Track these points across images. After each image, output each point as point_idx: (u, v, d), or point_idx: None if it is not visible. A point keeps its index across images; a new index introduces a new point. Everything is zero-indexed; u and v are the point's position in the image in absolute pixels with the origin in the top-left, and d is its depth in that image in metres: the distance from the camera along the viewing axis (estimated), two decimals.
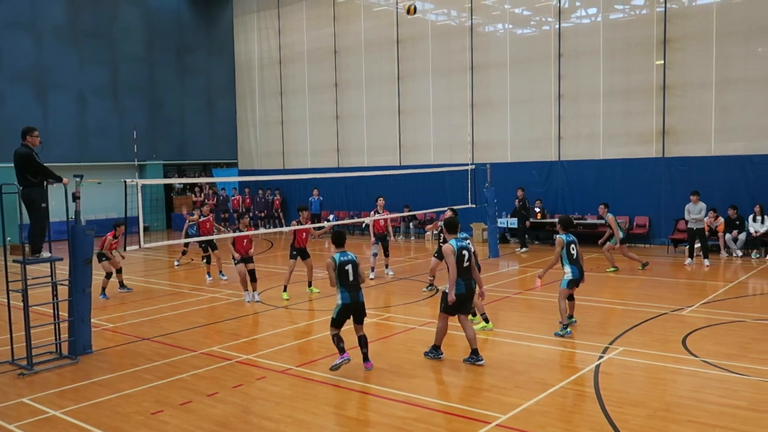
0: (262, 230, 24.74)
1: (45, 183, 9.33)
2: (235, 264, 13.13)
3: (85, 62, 27.75)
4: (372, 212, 15.95)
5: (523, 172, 21.88)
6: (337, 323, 8.48)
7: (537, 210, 20.77)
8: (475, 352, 8.67)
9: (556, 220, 19.81)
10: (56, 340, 9.65)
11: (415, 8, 14.92)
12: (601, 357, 8.85)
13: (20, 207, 9.16)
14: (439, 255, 12.02)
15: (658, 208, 19.66)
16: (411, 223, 24.17)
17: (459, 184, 19.20)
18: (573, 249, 10.05)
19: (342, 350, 8.42)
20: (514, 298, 13.03)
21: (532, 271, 16.26)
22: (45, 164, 9.28)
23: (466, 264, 8.58)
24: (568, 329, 10.02)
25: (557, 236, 10.23)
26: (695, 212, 16.35)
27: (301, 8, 28.33)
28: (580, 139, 21.14)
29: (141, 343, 10.38)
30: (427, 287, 13.82)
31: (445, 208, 14.63)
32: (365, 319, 8.71)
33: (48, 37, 26.65)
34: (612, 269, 15.75)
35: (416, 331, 10.58)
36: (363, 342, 8.63)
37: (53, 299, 9.66)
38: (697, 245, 16.63)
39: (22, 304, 9.06)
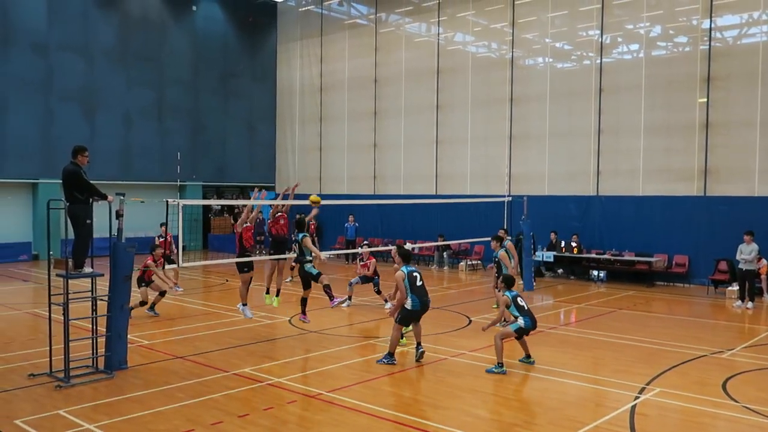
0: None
1: (91, 200, 9.58)
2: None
3: (132, 84, 28.58)
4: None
5: (560, 206, 21.72)
6: None
7: (573, 245, 20.56)
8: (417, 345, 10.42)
9: (593, 255, 19.52)
10: (93, 354, 9.81)
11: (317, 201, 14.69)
12: (637, 397, 8.66)
13: (66, 222, 9.41)
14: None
15: (697, 247, 19.26)
16: (445, 253, 24.09)
17: (494, 216, 19.12)
18: (521, 301, 10.27)
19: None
20: (548, 332, 12.85)
21: (567, 306, 16.04)
22: (91, 182, 9.55)
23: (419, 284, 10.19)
24: (504, 368, 9.76)
25: (504, 295, 10.40)
26: (746, 253, 15.86)
27: (343, 37, 28.82)
28: (619, 174, 20.93)
29: (175, 361, 10.49)
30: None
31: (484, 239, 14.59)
32: None
33: (98, 59, 27.53)
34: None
35: (447, 362, 10.49)
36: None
37: (92, 314, 9.83)
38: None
39: (62, 317, 9.26)
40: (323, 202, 14.09)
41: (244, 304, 12.89)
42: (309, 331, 12.69)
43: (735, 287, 16.79)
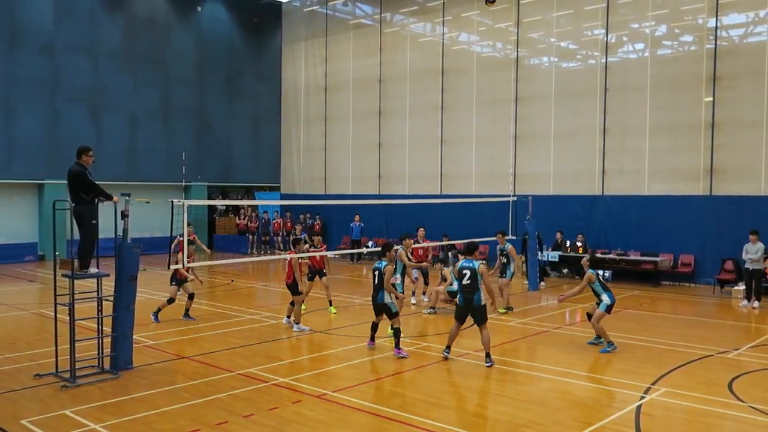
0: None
1: (96, 201, 9.60)
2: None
3: (138, 85, 28.67)
4: (413, 241, 15.86)
5: (566, 206, 21.67)
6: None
7: (579, 244, 20.51)
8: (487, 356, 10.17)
9: (598, 254, 19.47)
10: (99, 354, 9.84)
11: None
12: (642, 397, 8.63)
13: (71, 223, 9.43)
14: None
15: (703, 247, 19.19)
16: (450, 253, 24.02)
17: (499, 215, 19.09)
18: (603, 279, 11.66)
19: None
20: (554, 332, 12.83)
21: (572, 306, 16.01)
22: (96, 182, 9.57)
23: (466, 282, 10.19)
24: (614, 345, 11.19)
25: (589, 272, 11.43)
26: (753, 252, 15.82)
27: (348, 37, 28.83)
28: (624, 174, 20.88)
29: (180, 361, 10.52)
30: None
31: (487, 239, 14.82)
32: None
33: (105, 60, 27.63)
34: (503, 310, 14.69)
35: (453, 362, 10.48)
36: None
37: (98, 314, 9.85)
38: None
39: (68, 317, 9.29)
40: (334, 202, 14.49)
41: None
42: (314, 332, 12.70)
43: (741, 287, 16.74)
